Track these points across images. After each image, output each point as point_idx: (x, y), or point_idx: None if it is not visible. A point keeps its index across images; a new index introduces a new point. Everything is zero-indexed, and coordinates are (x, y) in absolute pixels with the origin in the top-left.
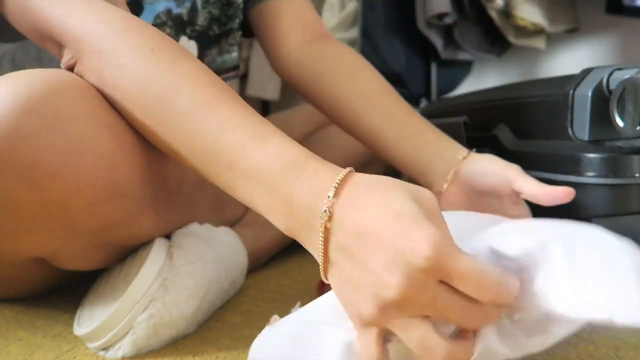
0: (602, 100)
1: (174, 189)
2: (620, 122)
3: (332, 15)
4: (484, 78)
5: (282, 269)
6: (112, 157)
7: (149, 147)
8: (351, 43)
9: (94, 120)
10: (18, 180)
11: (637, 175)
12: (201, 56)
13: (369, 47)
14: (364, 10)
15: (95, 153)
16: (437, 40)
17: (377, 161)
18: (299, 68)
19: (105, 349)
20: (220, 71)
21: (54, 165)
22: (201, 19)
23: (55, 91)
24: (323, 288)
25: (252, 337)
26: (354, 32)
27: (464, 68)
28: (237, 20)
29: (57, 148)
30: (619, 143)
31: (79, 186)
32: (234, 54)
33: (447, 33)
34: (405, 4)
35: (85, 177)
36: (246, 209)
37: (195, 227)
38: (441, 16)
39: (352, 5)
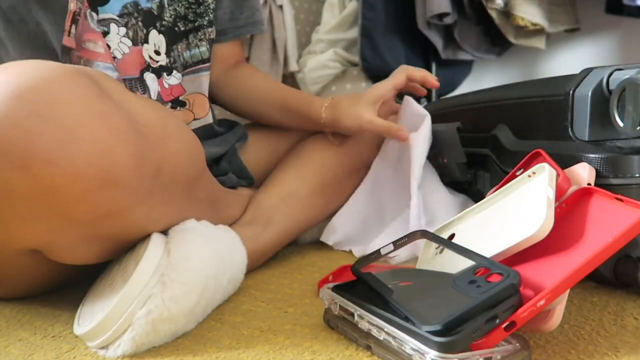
0: (602, 101)
1: (169, 181)
2: (620, 122)
3: (332, 15)
4: (484, 78)
5: (282, 269)
6: (105, 144)
7: (142, 135)
8: (351, 43)
9: (87, 106)
10: (12, 168)
11: (637, 175)
12: (169, 50)
13: (369, 47)
14: (364, 10)
15: (87, 139)
16: (437, 40)
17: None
18: (218, 89)
19: (105, 347)
20: (189, 64)
21: (47, 151)
22: (167, 16)
23: (47, 78)
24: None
25: (252, 337)
26: (354, 32)
27: (464, 68)
28: (207, 19)
29: (49, 134)
30: (618, 143)
31: (72, 173)
32: (203, 48)
33: (447, 33)
34: (405, 4)
35: (78, 164)
36: (244, 209)
37: (192, 223)
38: (441, 16)
39: (352, 5)
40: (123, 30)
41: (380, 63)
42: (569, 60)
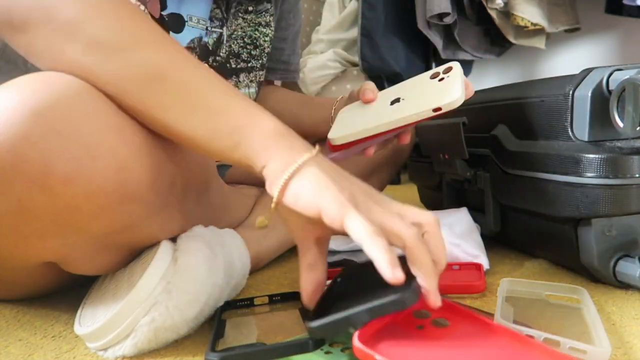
0: (602, 101)
1: (182, 192)
2: (620, 123)
3: (332, 16)
4: (484, 78)
5: (282, 269)
6: (123, 160)
7: (157, 149)
8: (351, 43)
9: (103, 122)
10: (31, 186)
11: (637, 175)
12: None
13: (368, 47)
14: (364, 10)
15: (105, 156)
16: (437, 40)
17: (383, 169)
18: None
19: (105, 349)
20: None
21: (65, 169)
22: (222, 51)
23: (64, 95)
24: None
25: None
26: (354, 32)
27: (464, 68)
28: (260, 62)
29: (68, 152)
30: (618, 143)
31: (91, 190)
32: (252, 90)
33: (447, 33)
34: (405, 3)
35: (97, 181)
36: (250, 211)
37: (200, 230)
38: (441, 16)
39: (352, 5)
40: None
41: (380, 63)
42: (569, 60)
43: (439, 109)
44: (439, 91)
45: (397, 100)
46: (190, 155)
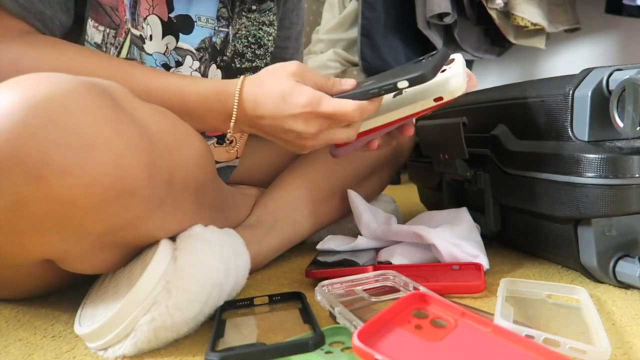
0: (602, 101)
1: (180, 189)
2: (620, 123)
3: (332, 16)
4: (484, 78)
5: (282, 269)
6: (120, 154)
7: (154, 144)
8: (351, 43)
9: (101, 116)
10: (27, 178)
11: (637, 175)
12: None
13: (369, 47)
14: (364, 10)
15: (102, 149)
16: (436, 40)
17: (384, 169)
18: None
19: (105, 349)
20: None
21: (63, 162)
22: (229, 51)
23: (62, 88)
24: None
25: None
26: (354, 32)
27: None
28: (265, 62)
29: (65, 144)
30: (618, 143)
31: (88, 183)
32: None
33: (447, 33)
34: (405, 4)
35: (94, 174)
36: (250, 211)
37: (199, 229)
38: (441, 16)
39: (352, 5)
40: (197, 64)
41: (380, 63)
42: (569, 60)
43: (440, 98)
44: (440, 81)
45: (400, 92)
46: (188, 154)
